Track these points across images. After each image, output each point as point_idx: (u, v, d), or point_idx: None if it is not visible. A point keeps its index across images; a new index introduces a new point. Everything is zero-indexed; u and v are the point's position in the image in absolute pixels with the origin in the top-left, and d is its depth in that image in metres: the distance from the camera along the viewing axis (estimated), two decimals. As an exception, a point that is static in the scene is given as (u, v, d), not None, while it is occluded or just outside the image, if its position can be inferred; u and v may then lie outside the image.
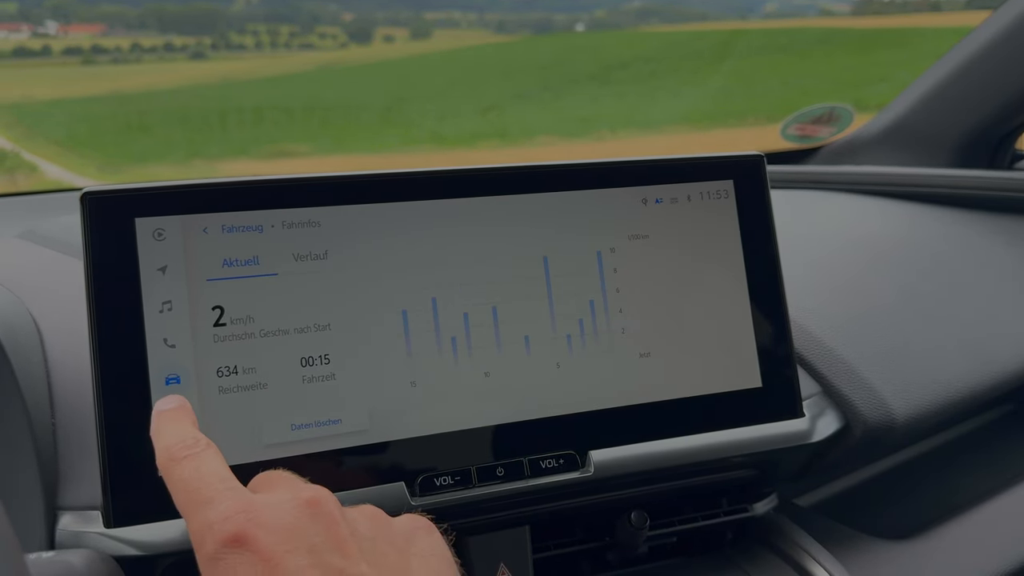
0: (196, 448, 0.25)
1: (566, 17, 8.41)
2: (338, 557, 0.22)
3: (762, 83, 4.31)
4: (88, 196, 0.32)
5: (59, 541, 0.31)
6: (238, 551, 0.21)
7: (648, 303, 0.38)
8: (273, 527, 0.22)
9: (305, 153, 3.27)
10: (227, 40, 5.94)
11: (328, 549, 0.22)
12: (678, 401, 0.38)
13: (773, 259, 0.40)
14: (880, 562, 0.44)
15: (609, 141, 3.61)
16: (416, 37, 7.32)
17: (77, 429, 0.34)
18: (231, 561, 0.21)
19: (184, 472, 0.24)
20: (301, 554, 0.21)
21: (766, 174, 0.41)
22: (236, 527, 0.22)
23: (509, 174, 0.37)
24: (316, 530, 0.22)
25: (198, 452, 0.25)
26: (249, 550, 0.21)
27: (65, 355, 0.36)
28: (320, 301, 0.34)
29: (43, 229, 0.51)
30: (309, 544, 0.22)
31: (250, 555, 0.21)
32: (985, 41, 0.73)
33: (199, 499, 0.23)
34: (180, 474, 0.24)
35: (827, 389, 0.45)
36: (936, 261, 0.60)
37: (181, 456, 0.24)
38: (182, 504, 0.24)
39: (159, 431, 0.26)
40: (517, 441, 0.35)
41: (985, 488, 0.53)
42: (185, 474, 0.24)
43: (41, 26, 4.47)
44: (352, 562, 0.22)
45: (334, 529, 0.22)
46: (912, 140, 0.78)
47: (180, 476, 0.24)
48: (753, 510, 0.44)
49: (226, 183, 0.33)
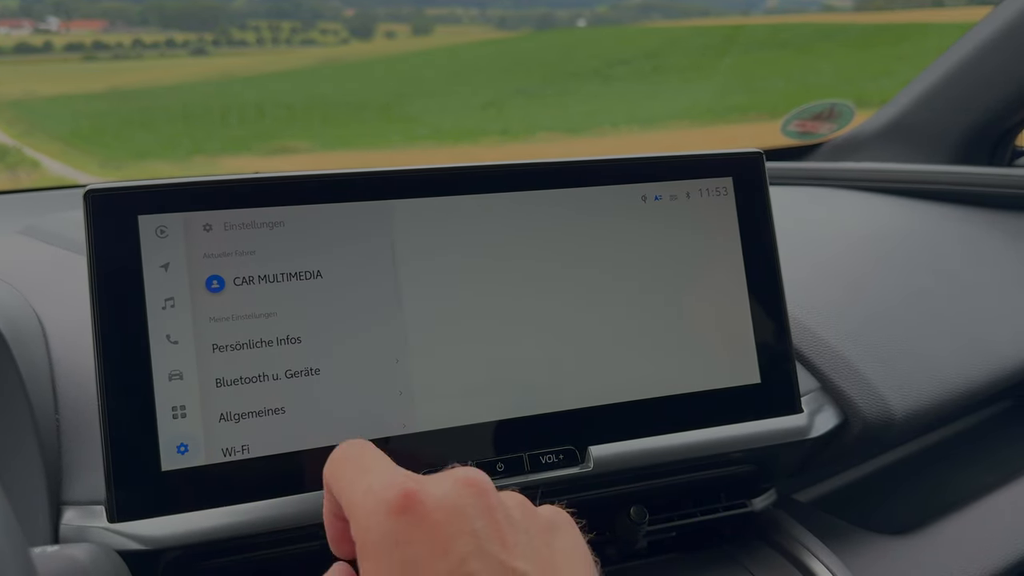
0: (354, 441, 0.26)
1: (567, 13, 8.39)
2: (498, 547, 0.22)
3: (764, 79, 4.30)
4: (91, 193, 0.32)
5: (63, 535, 0.31)
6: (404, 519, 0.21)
7: (647, 299, 0.38)
8: (438, 501, 0.22)
9: (306, 149, 3.27)
10: (229, 36, 5.93)
11: (489, 537, 0.22)
12: (677, 397, 0.38)
13: (772, 256, 0.40)
14: (878, 557, 0.45)
15: (610, 137, 3.60)
16: (418, 33, 7.30)
17: (81, 424, 0.34)
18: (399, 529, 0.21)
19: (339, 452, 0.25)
20: (466, 538, 0.22)
21: (765, 171, 0.41)
22: (405, 495, 0.22)
23: (506, 171, 0.37)
24: (477, 511, 0.22)
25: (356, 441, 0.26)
26: (417, 519, 0.21)
27: (68, 351, 0.37)
28: (318, 299, 0.34)
29: (46, 225, 0.52)
30: (472, 528, 0.22)
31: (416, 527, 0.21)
32: (986, 37, 0.72)
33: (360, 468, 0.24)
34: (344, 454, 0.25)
35: (825, 385, 0.45)
36: (935, 257, 0.60)
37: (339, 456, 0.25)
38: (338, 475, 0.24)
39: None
40: (517, 436, 0.35)
41: (983, 484, 0.53)
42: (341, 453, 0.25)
43: (43, 22, 4.46)
44: (511, 555, 0.22)
45: (493, 514, 0.22)
46: (913, 136, 0.78)
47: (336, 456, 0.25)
48: (752, 505, 0.44)
49: (229, 180, 0.34)
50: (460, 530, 0.22)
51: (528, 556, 0.23)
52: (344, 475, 0.24)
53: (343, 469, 0.24)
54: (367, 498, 0.22)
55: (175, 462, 0.31)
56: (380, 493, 0.22)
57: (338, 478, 0.24)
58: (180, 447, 0.32)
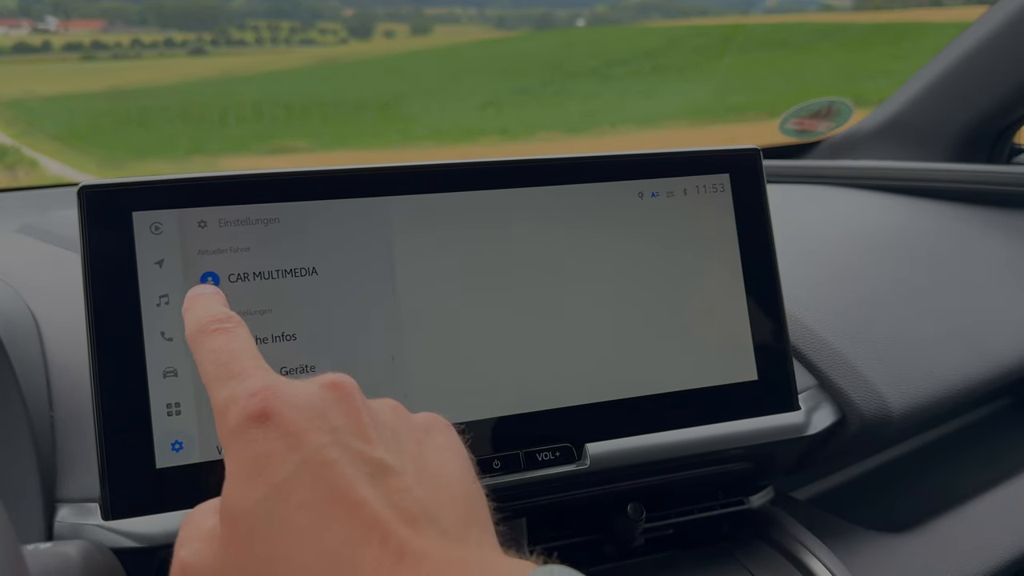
0: (228, 324, 0.25)
1: (566, 12, 8.39)
2: (358, 441, 0.22)
3: (762, 78, 4.30)
4: (85, 190, 0.32)
5: (57, 533, 0.31)
6: (262, 425, 0.22)
7: (644, 296, 0.38)
8: (298, 404, 0.22)
9: (305, 149, 3.27)
10: (227, 36, 5.93)
11: (349, 433, 0.22)
12: (674, 394, 0.38)
13: (769, 253, 0.40)
14: (877, 555, 0.45)
15: (609, 136, 3.60)
16: (417, 33, 7.30)
17: (75, 422, 0.34)
18: (254, 435, 0.21)
19: (215, 344, 0.24)
20: (323, 433, 0.21)
21: (762, 168, 0.41)
22: (262, 403, 0.22)
23: (504, 168, 0.37)
24: (339, 413, 0.22)
25: (230, 328, 0.25)
26: (273, 424, 0.22)
27: (63, 348, 0.36)
28: (313, 296, 0.34)
29: (41, 223, 0.51)
30: (331, 425, 0.22)
31: (273, 429, 0.21)
32: (984, 35, 0.72)
33: (227, 373, 0.23)
34: (210, 346, 0.24)
35: (823, 382, 0.45)
36: (934, 255, 0.60)
37: (212, 329, 0.24)
38: (209, 376, 0.24)
39: (190, 308, 0.26)
40: (513, 434, 0.35)
41: (982, 481, 0.53)
42: (216, 346, 0.24)
43: (41, 22, 4.46)
44: (371, 446, 0.22)
45: (356, 415, 0.22)
46: (911, 134, 0.78)
47: (210, 348, 0.24)
48: (749, 503, 0.44)
49: (223, 177, 0.33)
50: (317, 426, 0.22)
51: (392, 448, 0.22)
52: (208, 372, 0.24)
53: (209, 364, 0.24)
54: (228, 406, 0.22)
55: (170, 459, 0.31)
56: (241, 402, 0.22)
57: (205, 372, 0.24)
58: (175, 444, 0.31)
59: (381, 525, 0.20)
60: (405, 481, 0.21)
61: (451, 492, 0.22)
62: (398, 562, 0.20)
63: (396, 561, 0.20)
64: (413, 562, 0.20)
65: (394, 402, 0.25)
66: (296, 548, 0.20)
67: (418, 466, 0.23)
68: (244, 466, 0.21)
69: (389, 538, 0.20)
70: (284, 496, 0.21)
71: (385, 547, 0.20)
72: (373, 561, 0.20)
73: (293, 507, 0.20)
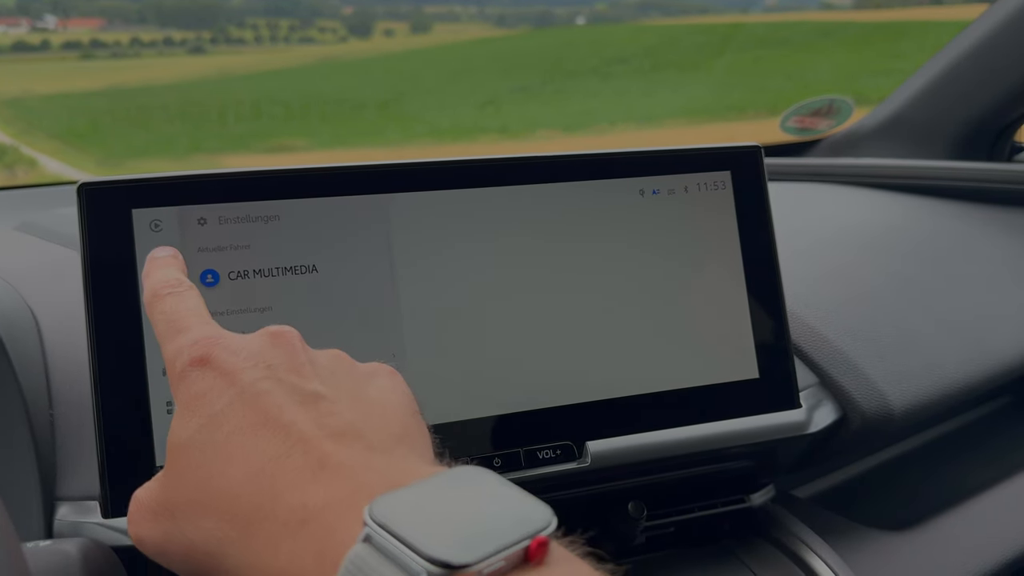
0: (180, 288, 0.26)
1: (566, 10, 8.38)
2: (293, 376, 0.23)
3: (763, 77, 4.30)
4: (84, 187, 0.32)
5: (57, 531, 0.31)
6: (201, 368, 0.23)
7: (645, 294, 0.38)
8: (236, 349, 0.23)
9: (304, 148, 3.27)
10: (226, 34, 5.92)
11: (284, 369, 0.23)
12: (675, 392, 0.38)
13: (770, 250, 0.40)
14: (878, 553, 0.45)
15: (609, 135, 3.60)
16: (416, 31, 7.29)
17: (75, 420, 0.34)
18: (194, 377, 0.23)
19: (166, 306, 0.26)
20: (259, 369, 0.23)
21: (763, 165, 0.41)
22: (203, 349, 0.23)
23: (504, 165, 0.37)
24: (276, 354, 0.24)
25: (181, 291, 0.26)
26: (211, 366, 0.23)
27: (63, 346, 0.36)
28: (314, 294, 0.34)
29: (41, 221, 0.51)
30: (267, 363, 0.23)
31: (211, 370, 0.23)
32: (984, 33, 0.72)
33: (175, 329, 0.25)
34: (162, 307, 0.26)
35: (824, 380, 0.45)
36: (935, 253, 0.60)
37: (164, 293, 0.26)
38: (161, 334, 0.25)
39: (148, 273, 0.27)
40: (514, 432, 0.35)
41: (983, 480, 0.53)
42: (166, 307, 0.26)
43: (40, 20, 4.44)
44: (305, 380, 0.23)
45: (294, 356, 0.24)
46: (912, 132, 0.78)
47: (161, 309, 0.26)
48: (750, 501, 0.44)
49: (223, 174, 0.33)
50: (252, 364, 0.23)
51: (327, 383, 0.23)
52: (160, 331, 0.25)
53: (161, 324, 0.25)
54: (175, 357, 0.24)
55: (170, 457, 0.31)
56: (185, 351, 0.24)
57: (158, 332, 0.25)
58: (175, 442, 0.31)
59: (305, 440, 0.21)
60: (336, 407, 0.23)
61: (385, 419, 0.23)
62: (319, 470, 0.20)
63: (317, 469, 0.21)
64: (333, 470, 0.20)
65: (338, 351, 0.26)
66: (226, 467, 0.21)
67: (353, 397, 0.24)
68: (186, 403, 0.23)
69: (312, 451, 0.21)
70: (218, 424, 0.22)
71: (307, 458, 0.21)
72: (294, 470, 0.21)
73: (226, 433, 0.22)
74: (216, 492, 0.21)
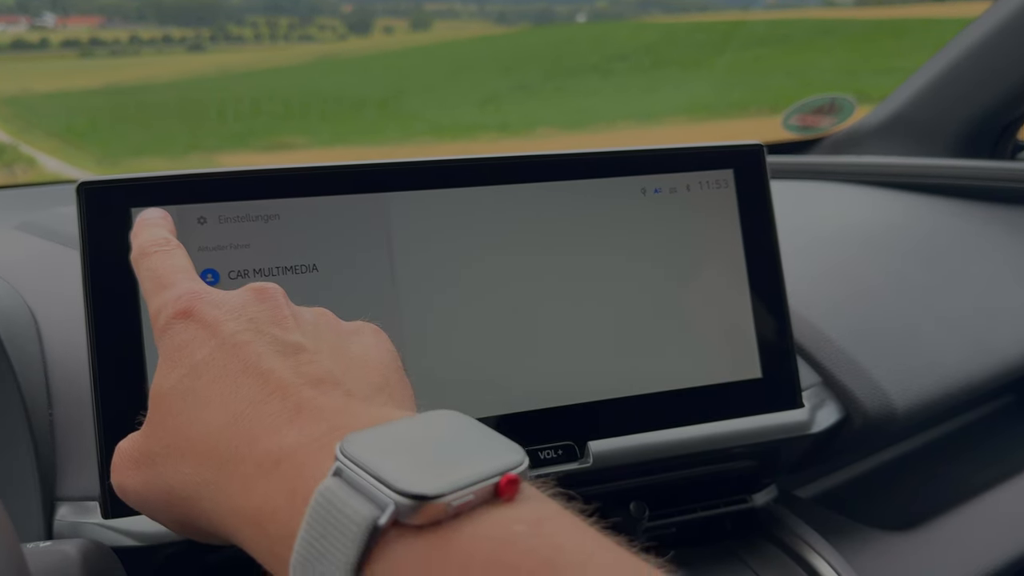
0: (167, 246, 0.27)
1: (566, 8, 8.36)
2: (275, 328, 0.23)
3: (764, 74, 4.29)
4: (84, 187, 0.31)
5: (57, 532, 0.31)
6: (184, 320, 0.23)
7: (646, 293, 0.38)
8: (218, 303, 0.24)
9: (304, 145, 3.26)
10: (226, 32, 5.90)
11: (266, 321, 0.23)
12: (677, 391, 0.38)
13: (773, 249, 0.40)
14: (880, 553, 0.44)
15: (610, 133, 3.59)
16: (416, 28, 7.27)
17: (75, 420, 0.34)
18: (177, 329, 0.23)
19: (152, 263, 0.26)
20: (240, 322, 0.23)
21: (766, 163, 0.41)
22: (186, 302, 0.24)
23: (504, 164, 0.37)
24: (259, 308, 0.24)
25: (168, 249, 0.26)
26: (194, 319, 0.23)
27: (62, 346, 0.36)
28: (313, 293, 0.33)
29: (40, 220, 0.51)
30: (249, 316, 0.23)
31: (194, 323, 0.23)
32: (987, 30, 0.72)
33: (160, 285, 0.25)
34: (148, 264, 0.26)
35: (827, 380, 0.45)
36: (938, 251, 0.60)
37: (152, 251, 0.26)
38: (147, 290, 0.26)
39: (137, 232, 0.28)
40: (515, 432, 0.35)
41: (985, 479, 0.53)
42: (153, 264, 0.26)
43: (39, 18, 4.44)
44: (287, 332, 0.23)
45: (277, 310, 0.24)
46: (914, 130, 0.78)
47: (148, 266, 0.26)
48: (752, 501, 0.44)
49: (223, 173, 0.33)
50: (235, 317, 0.23)
51: (308, 335, 0.23)
52: (146, 288, 0.26)
53: (147, 281, 0.26)
54: (159, 311, 0.24)
55: (170, 458, 0.31)
56: (169, 304, 0.24)
57: (144, 289, 0.26)
58: (175, 443, 0.31)
59: (284, 387, 0.21)
60: (316, 356, 0.23)
61: (365, 369, 0.24)
62: (296, 415, 0.21)
63: (294, 414, 0.21)
64: (310, 414, 0.21)
65: (325, 309, 0.26)
66: (205, 413, 0.22)
67: (335, 350, 0.24)
68: (167, 354, 0.23)
69: (289, 396, 0.21)
70: (199, 372, 0.22)
71: (285, 403, 0.21)
72: (271, 415, 0.21)
73: (206, 381, 0.22)
74: (195, 437, 0.22)
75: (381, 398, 0.23)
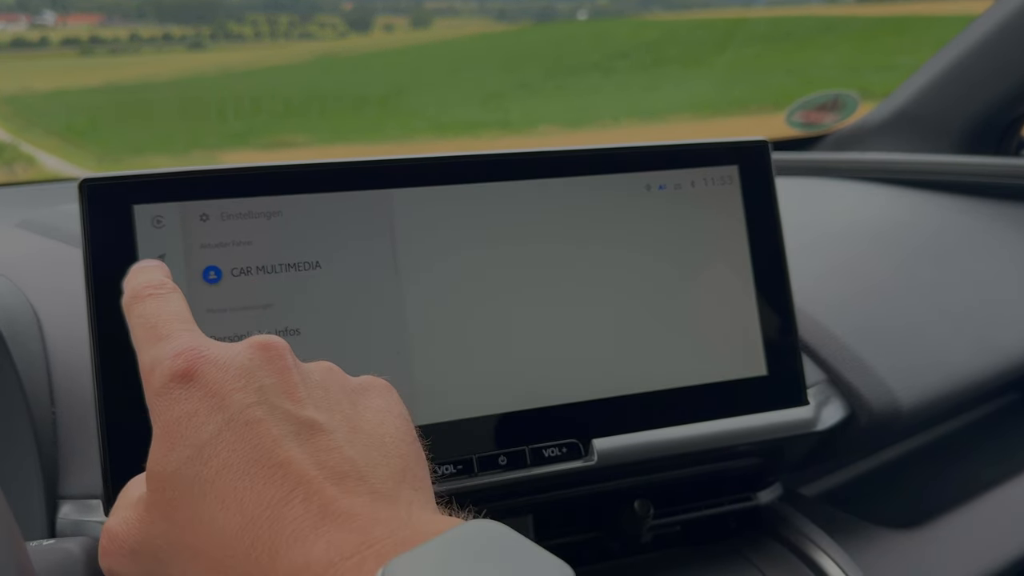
0: (162, 289, 0.24)
1: (567, 5, 8.33)
2: (286, 400, 0.21)
3: (766, 71, 4.28)
4: (86, 183, 0.31)
5: (60, 530, 0.31)
6: (185, 385, 0.21)
7: (652, 290, 0.38)
8: (223, 364, 0.21)
9: (305, 143, 3.26)
10: (226, 30, 5.89)
11: (277, 392, 0.21)
12: (682, 389, 0.37)
13: (778, 246, 0.40)
14: (885, 551, 0.44)
15: (612, 130, 3.59)
16: (416, 26, 7.26)
17: (77, 418, 0.34)
18: (177, 395, 0.21)
19: (145, 309, 0.24)
20: (249, 392, 0.21)
21: (771, 159, 0.40)
22: (186, 363, 0.21)
23: (508, 160, 0.36)
24: (267, 372, 0.22)
25: (163, 293, 0.24)
26: (196, 385, 0.21)
27: (65, 344, 0.36)
28: (316, 290, 0.33)
29: (42, 218, 0.51)
30: (258, 384, 0.21)
31: (196, 390, 0.21)
32: (991, 27, 0.72)
33: (154, 335, 0.23)
34: (141, 310, 0.24)
35: (832, 377, 0.45)
36: (942, 248, 0.59)
37: (145, 294, 0.24)
38: (138, 340, 0.23)
39: (130, 278, 0.26)
40: (520, 430, 0.35)
41: (991, 477, 0.52)
42: (146, 311, 0.24)
43: (39, 17, 4.43)
44: (300, 406, 0.21)
45: (286, 374, 0.22)
46: (919, 127, 0.78)
47: (140, 312, 0.24)
48: (757, 499, 0.44)
49: (225, 170, 0.33)
50: (243, 386, 0.21)
51: (322, 408, 0.22)
52: (137, 336, 0.23)
53: (138, 328, 0.23)
54: (154, 368, 0.22)
55: (173, 456, 0.31)
56: (166, 363, 0.22)
57: (135, 337, 0.24)
58: (178, 441, 0.31)
59: (305, 483, 0.19)
60: (334, 439, 0.21)
61: (384, 451, 0.22)
62: (321, 521, 0.19)
63: (319, 520, 0.19)
64: (337, 521, 0.19)
65: (330, 364, 0.24)
66: (217, 511, 0.19)
67: (351, 425, 0.22)
68: (168, 427, 0.21)
69: (313, 497, 0.19)
70: (206, 458, 0.20)
71: (308, 506, 0.19)
72: (294, 521, 0.19)
73: (215, 469, 0.20)
74: (206, 537, 0.19)
75: (406, 492, 0.21)
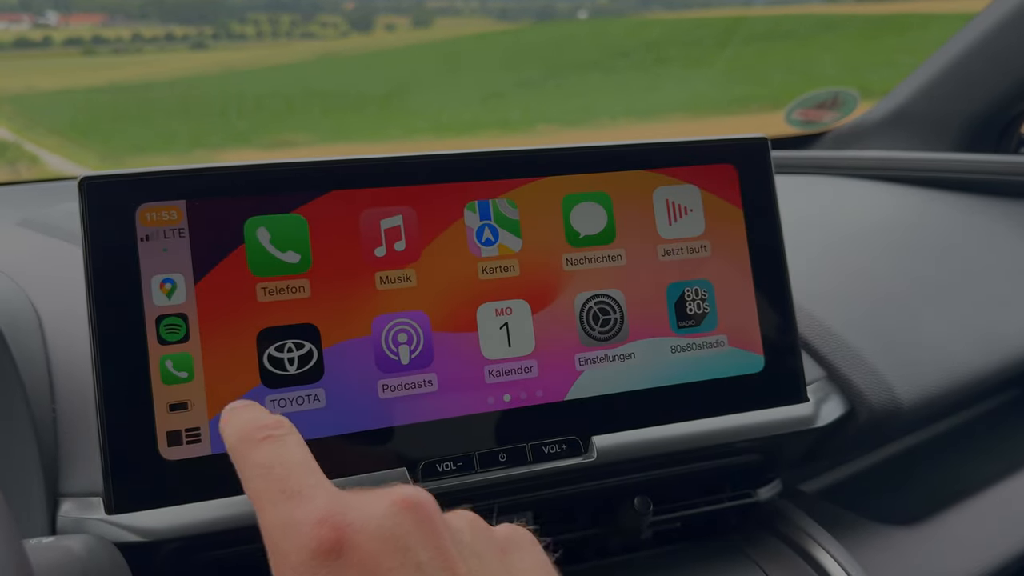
0: (279, 430, 0.21)
1: (568, 4, 8.32)
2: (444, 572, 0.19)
3: (766, 70, 4.28)
4: (87, 181, 0.31)
5: (60, 527, 0.31)
6: (334, 562, 0.18)
7: (650, 287, 0.38)
8: (373, 534, 0.19)
9: (306, 142, 3.26)
10: (228, 30, 5.89)
11: (436, 567, 0.19)
12: (681, 386, 0.37)
13: (777, 243, 0.40)
14: (886, 548, 0.44)
15: (611, 129, 3.58)
16: (418, 25, 7.25)
17: (78, 416, 0.34)
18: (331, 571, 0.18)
19: (263, 456, 0.20)
20: (408, 570, 0.19)
21: (770, 157, 0.40)
22: (332, 532, 0.19)
23: (509, 158, 0.36)
24: (420, 540, 0.19)
25: (281, 435, 0.21)
26: (346, 562, 0.18)
27: (65, 342, 0.36)
28: (318, 287, 0.33)
29: (44, 216, 0.51)
30: (416, 560, 0.19)
31: (349, 567, 0.18)
32: (991, 25, 0.72)
33: (281, 491, 0.20)
34: (257, 458, 0.20)
35: (832, 374, 0.45)
36: (942, 245, 0.59)
37: (260, 437, 0.21)
38: (258, 493, 0.20)
39: (231, 420, 0.22)
40: (520, 427, 0.35)
41: (991, 474, 0.52)
42: (264, 458, 0.20)
43: (42, 16, 4.43)
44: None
45: (439, 541, 0.20)
46: (918, 124, 0.78)
47: (257, 461, 0.20)
48: (757, 496, 0.44)
49: (226, 168, 0.33)
50: (401, 563, 0.19)
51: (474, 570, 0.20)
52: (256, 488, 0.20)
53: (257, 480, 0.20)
54: (288, 535, 0.19)
55: (173, 453, 0.31)
56: (305, 532, 0.19)
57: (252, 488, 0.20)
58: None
59: None
60: None
61: None
62: None
63: None
64: None
65: (471, 515, 0.22)
66: None
67: None
68: None
69: None
70: None
71: None
72: None
73: None
74: None
75: None
